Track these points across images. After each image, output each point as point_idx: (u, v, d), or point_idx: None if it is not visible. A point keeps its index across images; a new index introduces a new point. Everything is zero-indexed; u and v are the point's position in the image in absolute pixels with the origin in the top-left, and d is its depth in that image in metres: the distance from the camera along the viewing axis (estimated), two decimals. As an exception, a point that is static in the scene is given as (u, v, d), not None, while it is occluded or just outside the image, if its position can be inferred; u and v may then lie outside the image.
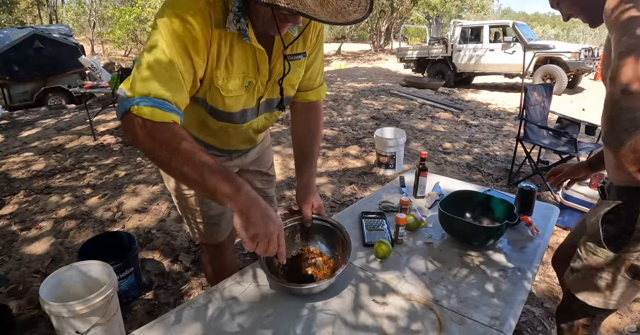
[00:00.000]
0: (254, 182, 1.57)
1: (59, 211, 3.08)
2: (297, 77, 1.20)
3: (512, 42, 9.92)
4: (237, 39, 0.99)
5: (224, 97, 1.06)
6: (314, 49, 1.22)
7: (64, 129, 5.54)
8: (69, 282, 1.71)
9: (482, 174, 4.03)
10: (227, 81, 1.03)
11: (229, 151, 1.36)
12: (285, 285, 1.07)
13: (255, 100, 1.15)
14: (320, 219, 1.25)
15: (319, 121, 1.38)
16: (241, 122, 1.18)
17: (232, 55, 1.00)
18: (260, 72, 1.08)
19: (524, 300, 1.13)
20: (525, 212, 1.55)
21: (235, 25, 0.95)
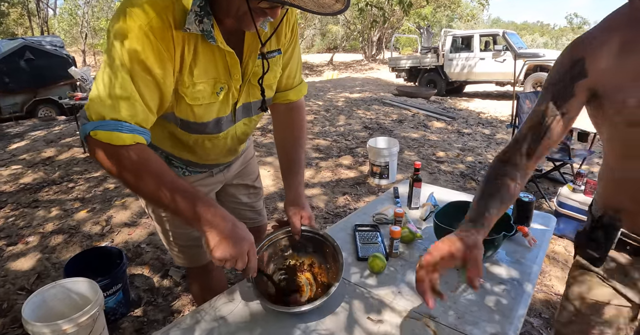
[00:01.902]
0: (238, 196, 1.50)
1: (46, 225, 3.01)
2: (274, 76, 1.12)
3: (502, 50, 10.02)
4: (202, 41, 0.90)
5: (192, 106, 0.98)
6: (290, 44, 1.14)
7: (54, 141, 5.47)
8: (54, 301, 1.64)
9: (476, 182, 4.01)
10: (193, 88, 0.94)
11: (210, 166, 1.29)
12: (275, 308, 1.02)
13: (230, 106, 1.06)
14: (310, 231, 1.20)
15: (302, 123, 1.30)
16: (216, 132, 1.09)
17: (197, 60, 0.91)
18: (233, 76, 0.99)
19: (524, 314, 1.10)
20: (523, 222, 1.52)
21: (198, 26, 0.85)
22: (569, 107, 0.89)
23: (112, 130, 0.80)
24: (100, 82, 0.82)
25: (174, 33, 0.84)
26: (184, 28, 0.84)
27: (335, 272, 1.10)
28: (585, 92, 0.86)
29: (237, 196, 1.49)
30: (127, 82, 0.82)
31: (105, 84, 0.82)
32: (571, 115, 0.90)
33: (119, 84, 0.81)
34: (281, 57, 1.12)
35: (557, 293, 2.27)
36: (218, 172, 1.34)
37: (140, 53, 0.81)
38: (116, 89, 0.81)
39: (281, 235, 1.20)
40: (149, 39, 0.81)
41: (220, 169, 1.34)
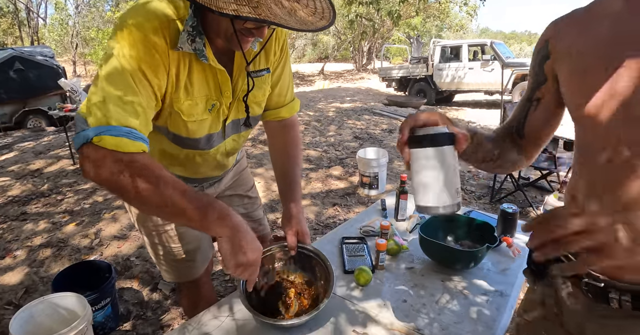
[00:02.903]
0: (234, 207, 1.46)
1: (35, 239, 2.99)
2: (262, 94, 1.14)
3: (490, 60, 10.19)
4: (195, 59, 0.93)
5: (186, 122, 1.00)
6: (279, 63, 1.16)
7: (43, 153, 5.43)
8: (41, 316, 1.63)
9: (465, 191, 4.06)
10: (188, 105, 0.97)
11: (199, 180, 1.30)
12: (266, 321, 1.03)
13: (220, 123, 1.09)
14: (303, 248, 1.21)
15: (296, 140, 1.34)
16: (207, 147, 1.12)
17: (192, 77, 0.94)
18: (224, 94, 1.02)
19: (507, 325, 1.12)
20: (507, 233, 1.55)
21: (191, 45, 0.88)
22: (543, 92, 0.85)
23: (120, 136, 0.77)
24: (102, 87, 0.80)
25: (169, 51, 0.87)
26: (176, 47, 0.87)
27: (325, 289, 1.11)
28: (552, 74, 0.82)
29: (233, 207, 1.49)
30: (132, 87, 0.81)
31: (109, 88, 0.79)
32: (547, 100, 0.85)
33: (124, 90, 0.80)
34: (270, 76, 1.14)
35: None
36: (209, 186, 1.35)
37: (142, 61, 0.83)
38: (121, 94, 0.80)
39: (274, 250, 1.21)
40: (151, 49, 0.84)
41: (210, 183, 1.35)
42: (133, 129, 0.80)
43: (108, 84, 0.80)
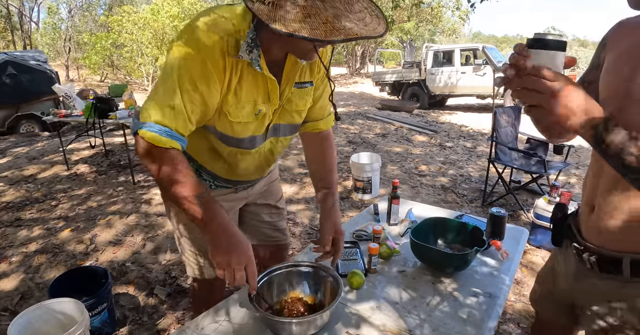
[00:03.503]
0: (261, 215, 1.58)
1: (30, 245, 2.99)
2: (303, 104, 1.24)
3: (482, 64, 10.30)
4: (247, 67, 1.03)
5: (232, 123, 1.10)
6: (323, 78, 1.27)
7: (36, 158, 5.42)
8: (39, 322, 1.65)
9: (457, 195, 4.11)
10: (236, 108, 1.08)
11: (235, 182, 1.37)
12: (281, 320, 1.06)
13: (264, 127, 1.19)
14: (313, 266, 1.25)
15: (333, 152, 1.44)
16: (249, 147, 1.21)
17: (242, 83, 1.05)
18: (271, 101, 1.13)
19: (495, 326, 1.16)
20: (497, 236, 1.59)
21: (248, 55, 0.99)
22: (595, 76, 0.97)
23: (154, 132, 0.95)
24: (155, 90, 0.98)
25: (227, 58, 0.99)
26: (237, 55, 0.99)
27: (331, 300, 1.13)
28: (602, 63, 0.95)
29: (260, 215, 1.58)
30: (176, 94, 0.96)
31: (159, 92, 0.97)
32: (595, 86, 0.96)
33: (169, 95, 0.96)
34: (312, 89, 1.24)
35: (535, 303, 2.34)
36: (242, 189, 1.44)
37: (192, 72, 0.96)
38: (166, 99, 0.96)
39: (282, 269, 1.25)
40: (202, 61, 0.96)
41: (244, 186, 1.43)
42: (170, 129, 0.96)
43: (160, 88, 0.98)
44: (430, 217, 1.56)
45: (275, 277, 1.23)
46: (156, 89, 0.98)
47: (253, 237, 1.62)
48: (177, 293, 2.40)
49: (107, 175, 4.61)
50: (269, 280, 1.21)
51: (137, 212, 3.53)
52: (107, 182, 4.39)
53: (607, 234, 0.93)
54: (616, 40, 0.93)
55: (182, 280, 2.52)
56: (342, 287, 1.13)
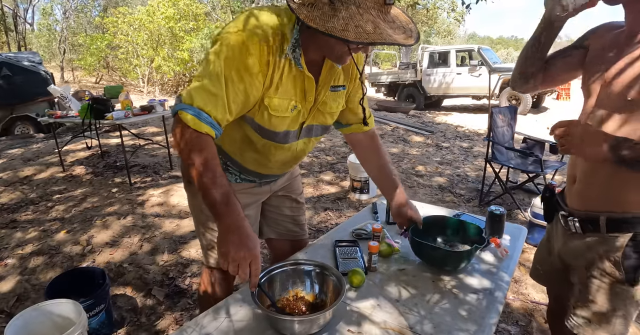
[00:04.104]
0: (282, 208, 1.61)
1: (26, 247, 2.97)
2: (336, 106, 1.29)
3: (478, 65, 10.34)
4: (289, 65, 1.09)
5: (271, 116, 1.15)
6: (356, 85, 1.33)
7: (32, 160, 5.39)
8: (36, 323, 1.63)
9: (454, 195, 4.12)
10: (276, 102, 1.12)
11: (261, 176, 1.41)
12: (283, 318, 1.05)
13: (298, 124, 1.24)
14: (317, 265, 1.24)
15: (384, 148, 1.52)
16: (283, 142, 1.25)
17: (282, 79, 1.10)
18: (307, 99, 1.18)
19: (496, 321, 1.16)
20: (495, 234, 1.60)
21: (292, 55, 1.06)
22: (573, 53, 1.24)
23: (193, 115, 0.99)
24: (201, 74, 1.02)
25: (272, 54, 1.05)
26: (284, 55, 1.06)
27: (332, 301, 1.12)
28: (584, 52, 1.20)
29: (281, 208, 1.62)
30: (220, 83, 1.00)
31: (204, 77, 1.01)
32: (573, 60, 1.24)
33: (213, 83, 1.00)
34: (345, 93, 1.30)
35: (533, 301, 2.35)
36: (265, 183, 1.48)
37: (239, 63, 1.01)
38: (210, 86, 1.00)
39: (285, 267, 1.24)
40: (250, 53, 1.01)
41: (267, 181, 1.47)
42: (209, 115, 1.00)
43: (205, 76, 1.01)
44: (429, 215, 1.56)
45: (277, 275, 1.22)
46: (201, 74, 1.02)
47: (273, 230, 1.65)
48: (175, 294, 2.39)
49: (103, 177, 4.58)
50: (270, 278, 1.20)
51: (134, 213, 3.52)
52: (103, 183, 4.37)
53: (586, 199, 1.17)
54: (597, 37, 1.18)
55: (180, 281, 2.51)
56: (345, 286, 1.12)
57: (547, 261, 1.41)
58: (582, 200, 1.18)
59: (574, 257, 1.24)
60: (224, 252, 0.97)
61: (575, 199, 1.21)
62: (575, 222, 1.19)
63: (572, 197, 1.22)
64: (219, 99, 1.01)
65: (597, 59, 1.15)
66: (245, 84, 1.04)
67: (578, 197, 1.20)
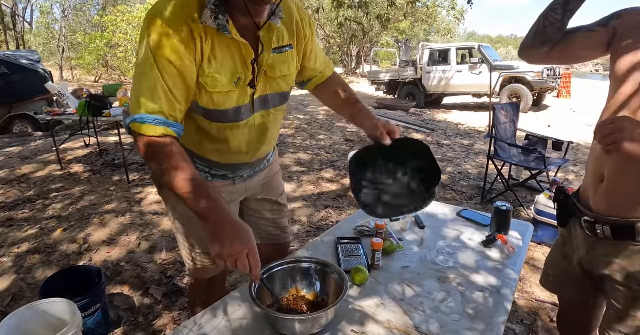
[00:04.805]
0: (262, 212, 1.52)
1: (22, 245, 2.92)
2: (287, 68, 1.19)
3: (478, 63, 10.30)
4: (218, 34, 1.00)
5: (211, 94, 1.06)
6: (311, 39, 1.25)
7: (29, 158, 5.34)
8: (29, 323, 1.59)
9: (456, 192, 4.08)
10: (212, 77, 1.04)
11: (232, 167, 1.31)
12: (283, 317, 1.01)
13: (248, 96, 1.14)
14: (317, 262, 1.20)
15: (347, 85, 1.45)
16: (236, 119, 1.16)
17: (215, 51, 1.02)
18: (249, 68, 1.09)
19: (505, 321, 1.12)
20: (502, 230, 1.55)
21: (214, 22, 0.97)
22: (598, 30, 1.10)
23: (143, 122, 0.94)
24: (136, 78, 0.96)
25: (192, 26, 0.96)
26: (200, 21, 0.96)
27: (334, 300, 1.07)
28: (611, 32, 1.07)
29: (261, 212, 1.52)
30: (155, 75, 0.94)
31: (139, 79, 0.95)
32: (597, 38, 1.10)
33: (149, 79, 0.95)
34: (293, 52, 1.20)
35: (538, 299, 2.31)
36: (240, 181, 1.38)
37: (162, 47, 0.94)
38: (147, 84, 0.95)
39: (285, 265, 1.19)
40: (168, 34, 0.94)
41: (243, 178, 1.38)
42: (158, 116, 0.95)
43: (139, 75, 0.96)
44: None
45: (276, 274, 1.17)
46: (135, 77, 0.97)
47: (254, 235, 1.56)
48: (173, 293, 2.35)
49: (101, 175, 4.54)
50: (270, 276, 1.16)
51: (132, 211, 3.47)
52: (101, 181, 4.32)
53: (617, 201, 1.04)
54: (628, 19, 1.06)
55: (179, 280, 2.47)
56: (347, 284, 1.08)
57: (560, 266, 1.32)
58: (612, 203, 1.06)
59: (604, 266, 1.12)
60: (217, 248, 0.92)
61: (602, 202, 1.08)
62: (605, 228, 1.07)
63: (598, 200, 1.10)
64: (161, 93, 0.95)
65: (634, 40, 1.01)
66: (176, 66, 0.96)
67: (606, 199, 1.07)
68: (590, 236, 1.14)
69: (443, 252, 1.46)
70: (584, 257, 1.19)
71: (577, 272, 1.24)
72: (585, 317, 1.37)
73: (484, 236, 1.56)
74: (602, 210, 1.08)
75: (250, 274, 0.94)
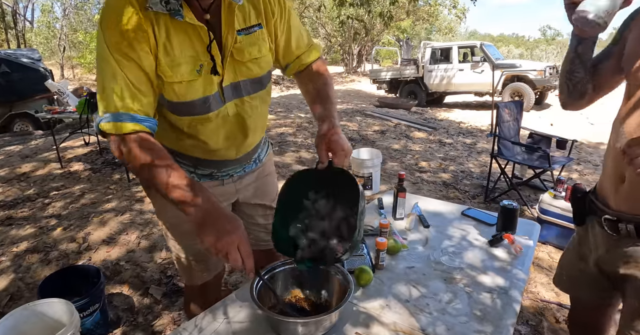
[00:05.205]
0: (255, 217, 1.42)
1: (21, 244, 2.89)
2: (258, 50, 1.09)
3: (480, 61, 10.24)
4: (172, 20, 0.93)
5: (171, 85, 0.98)
6: (282, 17, 1.13)
7: (29, 156, 5.31)
8: (26, 324, 1.56)
9: (459, 191, 4.04)
10: (171, 67, 0.96)
11: (217, 164, 1.22)
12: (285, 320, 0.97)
13: (215, 84, 1.05)
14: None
15: (326, 74, 1.26)
16: (205, 111, 1.06)
17: (171, 38, 0.95)
18: (212, 52, 1.00)
19: (514, 323, 1.08)
20: (509, 230, 1.52)
21: (165, 6, 0.90)
22: (614, 51, 1.09)
23: (113, 120, 0.90)
24: (98, 78, 0.92)
25: (141, 14, 0.90)
26: (146, 7, 0.90)
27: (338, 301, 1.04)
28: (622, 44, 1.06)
29: (253, 217, 1.42)
30: (116, 71, 0.90)
31: (101, 78, 0.91)
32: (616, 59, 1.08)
33: (109, 77, 0.90)
34: (263, 32, 1.10)
35: (544, 299, 2.27)
36: (229, 182, 1.30)
37: (116, 42, 0.89)
38: (109, 83, 0.90)
39: (287, 266, 1.15)
40: (118, 25, 0.89)
41: (233, 179, 1.30)
42: (126, 112, 0.91)
43: (99, 73, 0.91)
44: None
45: (279, 274, 1.14)
46: (97, 76, 0.92)
47: None
48: (173, 293, 2.32)
49: (101, 173, 4.51)
50: (271, 277, 1.12)
51: (132, 210, 3.44)
52: (101, 180, 4.29)
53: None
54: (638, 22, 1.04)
55: (179, 280, 2.43)
56: (352, 285, 1.04)
57: (576, 267, 1.29)
58: (637, 202, 1.03)
59: (626, 265, 1.10)
60: (207, 245, 0.87)
61: (624, 201, 1.06)
62: (628, 227, 1.05)
63: (619, 199, 1.07)
64: (124, 89, 0.90)
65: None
66: (133, 59, 0.91)
67: (630, 198, 1.04)
68: (611, 235, 1.10)
69: (448, 252, 1.43)
70: (603, 257, 1.16)
71: (594, 272, 1.22)
72: (599, 317, 1.34)
73: (489, 235, 1.53)
74: (625, 209, 1.05)
75: (244, 266, 0.90)
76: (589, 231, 1.21)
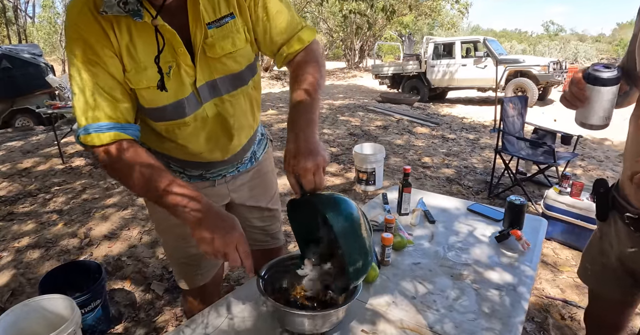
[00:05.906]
0: (251, 219, 1.36)
1: (22, 239, 2.88)
2: (232, 44, 0.98)
3: (483, 57, 10.17)
4: (133, 21, 0.87)
5: (139, 91, 0.93)
6: (257, 4, 1.00)
7: (31, 152, 5.30)
8: (27, 320, 1.54)
9: (462, 186, 4.01)
10: (136, 72, 0.90)
11: (205, 166, 1.17)
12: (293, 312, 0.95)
13: (188, 86, 0.97)
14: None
15: (310, 64, 1.06)
16: (180, 116, 0.99)
17: (134, 41, 0.89)
18: (177, 51, 0.92)
19: (522, 320, 1.06)
20: (516, 226, 1.49)
21: (124, 8, 0.83)
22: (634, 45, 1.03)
23: (92, 132, 0.86)
24: (72, 89, 0.88)
25: (99, 18, 0.85)
26: (100, 11, 0.84)
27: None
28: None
29: (249, 219, 1.36)
30: (86, 80, 0.86)
31: (76, 89, 0.87)
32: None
33: (79, 85, 0.86)
34: (236, 22, 0.98)
35: (549, 296, 2.25)
36: (221, 182, 1.24)
37: (81, 49, 0.86)
38: (84, 91, 0.86)
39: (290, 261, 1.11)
40: (80, 34, 0.85)
41: (225, 179, 1.24)
42: (103, 122, 0.87)
43: (73, 85, 0.88)
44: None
45: (280, 272, 1.11)
46: (72, 87, 0.89)
47: None
48: (175, 288, 2.30)
49: (102, 169, 4.49)
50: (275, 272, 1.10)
51: (134, 205, 3.42)
52: (103, 175, 4.27)
53: None
54: None
55: (181, 275, 2.42)
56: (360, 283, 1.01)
57: (599, 261, 1.26)
58: None
59: None
60: (204, 247, 0.85)
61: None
62: None
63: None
64: (98, 97, 0.86)
65: None
66: (101, 66, 0.87)
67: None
68: (632, 232, 1.07)
69: (454, 248, 1.40)
70: (627, 254, 1.13)
71: (616, 268, 1.19)
72: (618, 314, 1.31)
73: (496, 231, 1.50)
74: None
75: (243, 266, 0.88)
76: (611, 226, 1.18)
